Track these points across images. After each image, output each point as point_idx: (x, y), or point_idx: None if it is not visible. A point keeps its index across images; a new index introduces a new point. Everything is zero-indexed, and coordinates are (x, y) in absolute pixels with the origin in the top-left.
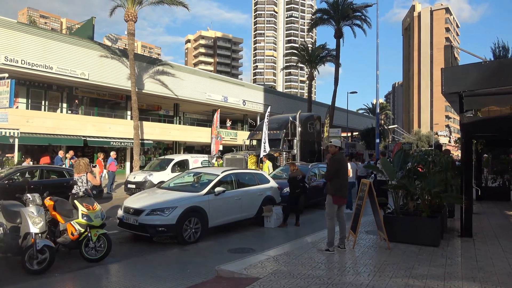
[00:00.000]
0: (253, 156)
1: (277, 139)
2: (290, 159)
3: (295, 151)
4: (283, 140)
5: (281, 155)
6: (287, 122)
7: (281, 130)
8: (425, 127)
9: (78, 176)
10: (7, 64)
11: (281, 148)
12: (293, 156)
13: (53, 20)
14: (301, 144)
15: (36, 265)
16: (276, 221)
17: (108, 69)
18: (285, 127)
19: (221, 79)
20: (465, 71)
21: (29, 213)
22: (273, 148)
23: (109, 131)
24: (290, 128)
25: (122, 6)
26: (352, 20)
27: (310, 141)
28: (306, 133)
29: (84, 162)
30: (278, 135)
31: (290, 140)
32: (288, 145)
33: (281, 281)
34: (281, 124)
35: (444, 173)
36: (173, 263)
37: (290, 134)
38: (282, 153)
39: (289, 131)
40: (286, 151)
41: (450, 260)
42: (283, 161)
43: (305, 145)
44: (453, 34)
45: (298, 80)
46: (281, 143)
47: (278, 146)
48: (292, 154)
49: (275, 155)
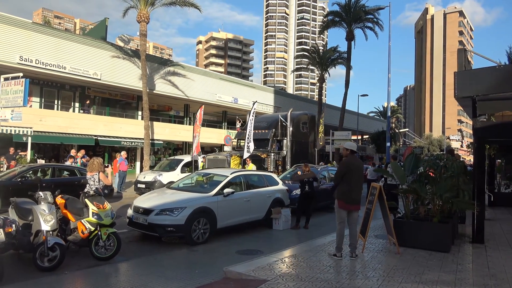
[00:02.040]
0: (236, 157)
1: (265, 139)
2: (279, 161)
3: (285, 152)
4: (272, 141)
5: (269, 157)
6: (277, 121)
7: (269, 129)
8: (436, 131)
9: (90, 175)
10: (22, 63)
11: (269, 149)
12: (283, 158)
13: (67, 20)
14: (293, 145)
15: (46, 262)
16: (284, 224)
17: (120, 70)
18: (274, 126)
19: (231, 80)
20: (479, 75)
21: (40, 211)
22: (261, 149)
23: (120, 130)
24: (280, 128)
25: (135, 7)
26: (364, 23)
27: (303, 141)
28: (298, 133)
29: (98, 161)
30: (266, 134)
31: (280, 140)
32: (279, 145)
33: (289, 283)
34: (270, 123)
35: (456, 178)
36: (181, 263)
37: (280, 134)
38: (270, 154)
39: (279, 130)
40: (275, 152)
41: (461, 266)
42: (271, 163)
43: (297, 146)
44: (466, 37)
45: (308, 82)
46: (270, 144)
47: (266, 146)
48: (281, 155)
49: (262, 156)
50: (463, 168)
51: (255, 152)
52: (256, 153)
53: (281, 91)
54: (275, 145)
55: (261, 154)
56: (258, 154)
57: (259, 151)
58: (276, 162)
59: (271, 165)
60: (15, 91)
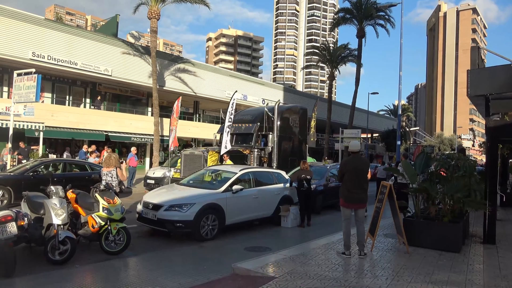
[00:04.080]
0: (214, 153)
1: (249, 134)
2: (265, 158)
3: (270, 148)
4: (256, 135)
5: (252, 153)
6: (263, 114)
7: (254, 123)
8: (448, 130)
9: (107, 171)
10: (34, 59)
11: (253, 144)
12: (269, 155)
13: (79, 17)
14: (280, 141)
15: (57, 256)
16: (293, 221)
17: (130, 66)
18: (260, 119)
19: (241, 77)
20: (493, 73)
21: (52, 205)
22: (244, 144)
23: (130, 126)
24: (266, 121)
25: (145, 3)
26: (375, 20)
27: (292, 137)
28: (286, 127)
29: (114, 157)
30: (250, 128)
31: (265, 135)
32: (264, 141)
33: (297, 281)
34: (255, 116)
35: (468, 177)
36: (189, 259)
37: (266, 128)
38: (253, 150)
39: (264, 124)
40: (259, 148)
41: (471, 266)
42: (254, 159)
43: (286, 142)
44: (480, 35)
45: (318, 79)
46: (254, 139)
47: (250, 142)
48: (266, 152)
49: (244, 152)
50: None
51: (236, 148)
52: (237, 149)
53: (291, 89)
54: (260, 140)
55: (243, 150)
56: (240, 150)
57: (241, 146)
58: (261, 159)
59: (255, 162)
60: (27, 86)
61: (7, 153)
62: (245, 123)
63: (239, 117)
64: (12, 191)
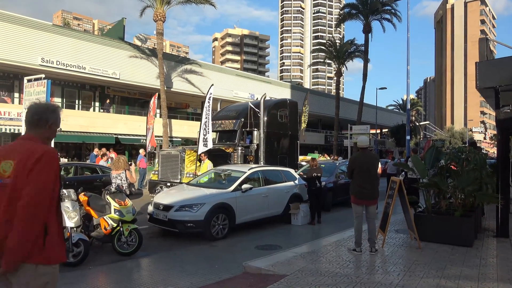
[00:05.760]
0: (192, 153)
1: (233, 131)
2: (251, 156)
3: (255, 146)
4: (241, 132)
5: (236, 151)
6: (247, 109)
7: (238, 119)
8: (458, 124)
9: (116, 174)
10: (44, 65)
11: (237, 142)
12: (256, 153)
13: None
14: (269, 137)
15: (71, 258)
16: (303, 219)
17: (138, 69)
18: (244, 115)
19: (247, 76)
20: (502, 64)
21: (65, 208)
22: (228, 142)
23: (139, 128)
24: (251, 117)
25: (151, 6)
26: (381, 15)
27: (282, 133)
28: (275, 123)
29: (123, 160)
30: (233, 125)
31: (250, 132)
32: (250, 138)
33: (308, 278)
34: (240, 112)
35: (479, 171)
36: (201, 258)
37: (252, 124)
38: (237, 148)
39: (249, 120)
40: (243, 146)
41: (484, 260)
42: (238, 158)
43: (274, 139)
44: (488, 26)
45: (325, 76)
46: (238, 136)
47: (234, 139)
48: (251, 149)
49: (227, 151)
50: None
51: (218, 146)
52: (219, 147)
53: (298, 86)
54: (245, 137)
55: (226, 149)
56: (223, 148)
57: (224, 144)
58: (246, 158)
59: (238, 160)
60: (37, 92)
61: None
62: (229, 120)
63: (223, 113)
64: None
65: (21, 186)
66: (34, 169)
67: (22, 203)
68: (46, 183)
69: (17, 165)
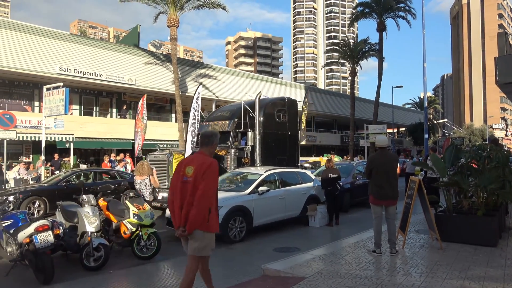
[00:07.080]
0: (180, 156)
1: (225, 132)
2: (246, 159)
3: (249, 148)
4: (235, 133)
5: (229, 153)
6: (241, 109)
7: (231, 120)
8: (478, 121)
9: (141, 179)
10: (62, 73)
11: (231, 144)
12: (251, 155)
13: (101, 30)
14: (265, 138)
15: (92, 262)
16: (321, 220)
17: (153, 74)
18: (238, 116)
19: (261, 79)
20: None
21: (85, 213)
22: (221, 144)
23: (156, 133)
24: (245, 117)
25: (165, 12)
26: (395, 12)
27: (280, 133)
28: (272, 123)
29: (147, 165)
30: (226, 126)
31: (244, 132)
32: (245, 139)
33: (328, 280)
34: (233, 112)
35: (501, 168)
36: (219, 261)
37: (247, 125)
38: (230, 151)
39: (243, 121)
40: (237, 148)
41: (510, 261)
42: (232, 161)
43: (271, 139)
44: (507, 20)
45: (340, 76)
46: (231, 138)
47: (228, 141)
48: (246, 151)
49: (219, 153)
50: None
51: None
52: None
53: (312, 87)
54: (240, 139)
55: (219, 151)
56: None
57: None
58: (241, 160)
59: (232, 163)
60: (56, 100)
61: (41, 165)
62: (222, 120)
63: (216, 114)
64: (47, 201)
65: (198, 183)
66: (205, 172)
67: (199, 193)
68: (212, 182)
69: (196, 169)
